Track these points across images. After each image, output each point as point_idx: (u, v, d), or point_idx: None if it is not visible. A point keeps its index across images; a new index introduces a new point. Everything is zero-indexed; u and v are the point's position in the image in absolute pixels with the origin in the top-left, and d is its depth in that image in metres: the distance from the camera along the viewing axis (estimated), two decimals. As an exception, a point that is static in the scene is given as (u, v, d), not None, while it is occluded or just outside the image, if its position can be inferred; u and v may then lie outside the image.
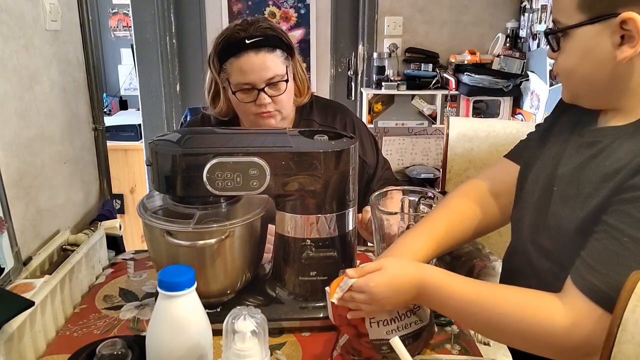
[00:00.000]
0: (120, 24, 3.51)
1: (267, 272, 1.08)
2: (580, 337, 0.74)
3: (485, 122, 1.75)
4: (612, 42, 0.75)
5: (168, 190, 0.96)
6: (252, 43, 1.25)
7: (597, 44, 0.77)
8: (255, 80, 1.27)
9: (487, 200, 1.04)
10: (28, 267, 1.03)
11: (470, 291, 0.82)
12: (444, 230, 0.98)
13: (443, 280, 0.83)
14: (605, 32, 0.76)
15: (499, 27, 2.85)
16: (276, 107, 1.31)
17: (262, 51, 1.26)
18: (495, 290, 0.83)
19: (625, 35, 0.74)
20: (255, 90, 1.28)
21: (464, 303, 0.81)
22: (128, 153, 3.06)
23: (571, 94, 0.87)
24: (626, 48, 0.74)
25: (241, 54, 1.26)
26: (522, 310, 0.78)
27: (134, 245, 2.59)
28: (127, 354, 0.77)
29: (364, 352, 0.89)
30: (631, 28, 0.73)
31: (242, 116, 1.38)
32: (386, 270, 0.83)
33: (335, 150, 0.94)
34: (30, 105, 1.09)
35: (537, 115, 2.63)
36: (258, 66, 1.26)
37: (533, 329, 0.77)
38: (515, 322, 0.78)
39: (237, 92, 1.29)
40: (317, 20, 2.96)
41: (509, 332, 0.79)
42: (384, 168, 1.47)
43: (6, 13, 1.01)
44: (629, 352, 0.66)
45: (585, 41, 0.78)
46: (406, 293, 0.83)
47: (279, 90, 1.30)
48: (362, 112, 2.87)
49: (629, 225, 0.72)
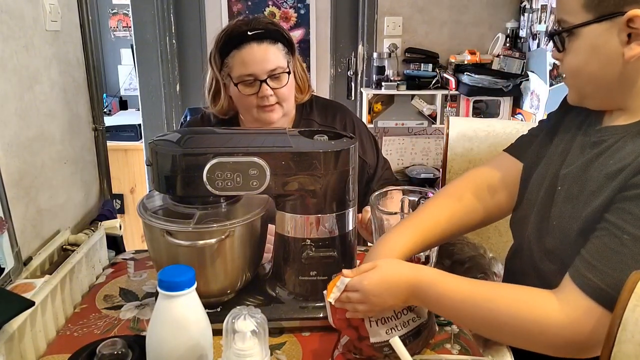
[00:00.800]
0: (120, 24, 3.51)
1: (267, 272, 1.08)
2: (575, 332, 0.74)
3: (485, 122, 1.75)
4: (620, 40, 0.75)
5: (168, 190, 0.96)
6: (254, 35, 1.27)
7: (604, 43, 0.77)
8: (257, 71, 1.27)
9: (484, 194, 1.03)
10: (28, 267, 1.03)
11: (465, 289, 0.82)
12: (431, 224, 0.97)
13: (438, 279, 0.83)
14: (612, 31, 0.75)
15: (498, 27, 2.85)
16: (278, 100, 1.31)
17: (264, 43, 1.27)
18: (490, 287, 0.83)
19: (632, 34, 0.74)
20: (257, 83, 1.29)
21: (459, 301, 0.81)
22: (128, 153, 3.06)
23: (578, 95, 0.87)
24: (634, 46, 0.75)
25: (243, 46, 1.27)
26: (517, 307, 0.78)
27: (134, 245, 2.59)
28: (127, 353, 0.77)
29: (365, 351, 0.89)
30: (638, 26, 0.73)
31: (243, 111, 1.37)
32: (380, 269, 0.83)
33: (335, 150, 0.94)
34: (31, 105, 1.10)
35: (537, 115, 2.63)
36: (260, 57, 1.27)
37: (528, 325, 0.77)
38: (510, 319, 0.78)
39: (239, 84, 1.30)
40: (317, 21, 2.96)
41: (505, 329, 0.79)
42: (384, 168, 1.47)
43: (6, 13, 1.01)
44: (629, 351, 0.66)
45: (592, 40, 0.78)
46: (400, 293, 0.83)
47: (281, 82, 1.31)
48: (362, 112, 2.87)
49: (629, 222, 0.72)
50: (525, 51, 2.75)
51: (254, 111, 1.33)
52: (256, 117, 1.33)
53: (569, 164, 0.86)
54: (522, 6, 2.79)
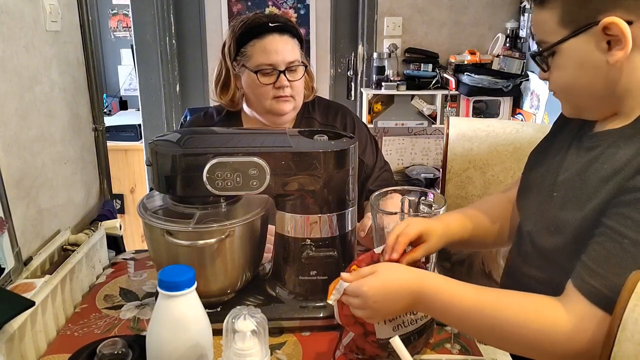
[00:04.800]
0: (120, 25, 3.51)
1: (267, 272, 1.08)
2: (583, 341, 0.73)
3: (485, 122, 1.75)
4: (601, 49, 0.76)
5: (168, 190, 0.96)
6: (275, 26, 1.30)
7: (587, 55, 0.78)
8: (277, 61, 1.30)
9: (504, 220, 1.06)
10: (29, 267, 1.03)
11: (472, 297, 0.80)
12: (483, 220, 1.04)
13: (443, 286, 0.82)
14: (591, 41, 0.77)
15: (498, 28, 2.85)
16: (292, 92, 1.34)
17: (285, 35, 1.31)
18: (496, 296, 0.81)
19: (611, 41, 0.75)
20: (275, 73, 1.30)
21: (466, 310, 0.80)
22: (128, 153, 3.06)
23: (573, 109, 0.87)
24: (616, 51, 0.75)
25: (265, 36, 1.30)
26: (525, 316, 0.77)
27: (134, 245, 2.59)
28: (128, 353, 0.77)
29: (368, 351, 0.89)
30: (615, 32, 0.74)
31: (255, 102, 1.37)
32: (380, 274, 0.82)
33: (335, 150, 0.94)
34: (31, 105, 1.10)
35: (537, 115, 2.63)
36: (281, 48, 1.30)
37: (536, 335, 0.76)
38: (518, 328, 0.77)
39: (258, 72, 1.31)
40: (316, 21, 2.96)
41: (512, 339, 0.78)
42: (382, 169, 1.47)
43: (6, 14, 1.01)
44: (629, 351, 0.66)
45: (575, 54, 0.79)
46: (401, 299, 0.81)
47: (297, 75, 1.33)
48: (362, 112, 2.87)
49: (629, 227, 0.72)
50: (525, 51, 2.75)
51: (267, 102, 1.34)
52: (269, 109, 1.34)
53: (565, 170, 0.87)
54: (522, 6, 2.79)
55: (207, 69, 2.97)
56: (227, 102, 1.41)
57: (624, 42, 0.74)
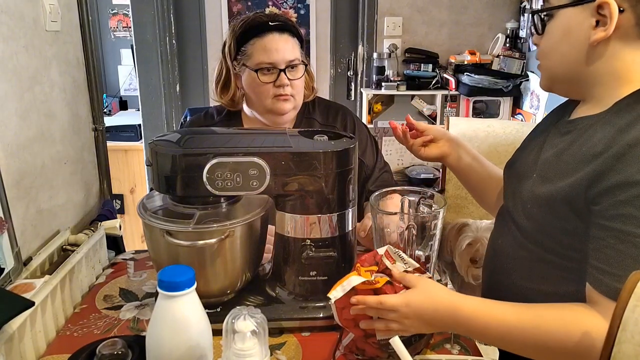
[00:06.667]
0: (120, 25, 3.51)
1: (267, 272, 1.08)
2: None
3: (485, 122, 1.75)
4: (588, 25, 0.81)
5: (168, 190, 0.96)
6: (276, 25, 1.31)
7: (576, 25, 0.83)
8: (277, 60, 1.30)
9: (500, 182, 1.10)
10: (28, 267, 1.03)
11: (512, 317, 0.80)
12: None
13: (481, 309, 0.82)
14: (585, 15, 0.81)
15: (498, 28, 2.85)
16: (292, 91, 1.34)
17: (286, 34, 1.32)
18: (535, 312, 0.81)
19: (599, 21, 0.80)
20: (275, 71, 1.31)
21: (507, 331, 0.80)
22: (128, 153, 3.06)
23: (549, 79, 0.92)
24: (599, 31, 0.80)
25: (265, 34, 1.30)
26: (566, 328, 0.77)
27: (134, 245, 2.60)
28: (127, 353, 0.77)
29: (368, 352, 0.89)
30: (606, 13, 0.78)
31: (255, 101, 1.37)
32: (423, 292, 0.82)
33: (335, 150, 0.94)
34: (31, 105, 1.10)
35: (537, 116, 2.63)
36: (282, 46, 1.30)
37: (578, 345, 0.76)
38: (561, 343, 0.77)
39: (258, 71, 1.31)
40: (316, 21, 2.96)
41: (558, 351, 0.78)
42: (382, 170, 1.47)
43: (6, 14, 1.01)
44: (629, 351, 0.66)
45: (566, 22, 0.84)
46: (436, 321, 0.82)
47: (297, 73, 1.33)
48: (362, 112, 2.87)
49: (635, 225, 0.74)
50: (525, 51, 2.75)
51: (267, 101, 1.33)
52: (269, 108, 1.34)
53: (544, 153, 0.91)
54: (522, 6, 2.79)
55: (207, 69, 2.97)
56: (228, 102, 1.41)
57: (609, 24, 0.78)
